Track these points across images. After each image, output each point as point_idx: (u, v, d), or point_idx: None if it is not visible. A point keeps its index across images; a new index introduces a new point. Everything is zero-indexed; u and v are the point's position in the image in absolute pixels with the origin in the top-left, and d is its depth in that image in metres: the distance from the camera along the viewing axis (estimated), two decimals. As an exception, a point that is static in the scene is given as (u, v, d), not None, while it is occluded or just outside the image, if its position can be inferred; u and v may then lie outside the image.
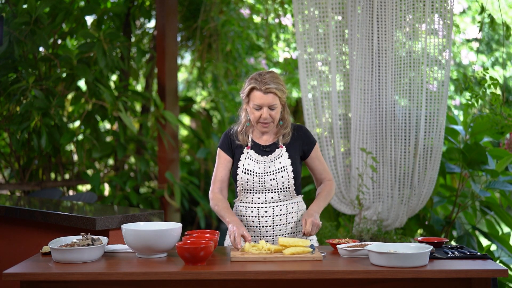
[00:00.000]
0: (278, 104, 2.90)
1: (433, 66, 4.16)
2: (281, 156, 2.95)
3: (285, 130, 2.99)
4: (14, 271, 2.37)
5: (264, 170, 2.94)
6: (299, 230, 2.99)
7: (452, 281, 2.42)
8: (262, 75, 2.90)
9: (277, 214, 2.94)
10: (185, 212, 7.07)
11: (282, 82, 2.93)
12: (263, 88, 2.84)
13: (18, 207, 3.60)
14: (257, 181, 2.93)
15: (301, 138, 3.02)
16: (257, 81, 2.87)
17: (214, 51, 6.68)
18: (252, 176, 2.94)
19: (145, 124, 6.27)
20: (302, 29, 4.43)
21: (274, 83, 2.86)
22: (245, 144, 3.00)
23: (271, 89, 2.85)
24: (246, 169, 2.95)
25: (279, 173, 2.92)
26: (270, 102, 2.87)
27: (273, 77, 2.89)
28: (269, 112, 2.88)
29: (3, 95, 5.26)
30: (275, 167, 2.93)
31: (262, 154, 2.98)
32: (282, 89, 2.89)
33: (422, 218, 4.73)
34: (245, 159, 2.97)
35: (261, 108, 2.88)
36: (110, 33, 5.39)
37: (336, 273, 2.38)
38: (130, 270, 2.40)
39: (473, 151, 4.35)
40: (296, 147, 2.99)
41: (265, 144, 3.00)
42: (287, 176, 2.92)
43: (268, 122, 2.91)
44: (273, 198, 2.94)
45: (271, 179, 2.93)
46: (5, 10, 5.23)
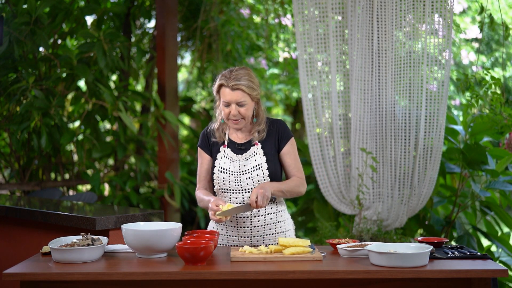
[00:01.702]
0: (248, 101, 2.86)
1: (433, 66, 4.16)
2: (256, 154, 2.92)
3: (259, 127, 2.95)
4: (14, 271, 2.37)
5: (239, 168, 2.91)
6: (278, 231, 2.97)
7: (452, 281, 2.42)
8: (232, 71, 2.86)
9: (255, 215, 2.92)
10: (185, 212, 7.07)
11: (254, 78, 2.89)
12: (231, 85, 2.82)
13: (18, 207, 3.60)
14: (233, 180, 2.91)
15: (277, 132, 2.97)
16: (226, 78, 2.84)
17: (214, 51, 6.68)
18: (228, 175, 2.92)
19: (145, 124, 6.27)
20: (302, 29, 4.43)
21: (243, 80, 2.83)
22: (221, 141, 2.99)
23: (239, 85, 2.82)
24: (222, 168, 2.93)
25: (254, 171, 2.90)
26: (237, 99, 2.83)
27: (243, 73, 2.85)
28: (238, 109, 2.85)
29: (3, 95, 5.26)
30: (250, 165, 2.91)
31: (237, 153, 2.95)
32: (252, 86, 2.85)
33: (422, 218, 4.73)
34: (221, 157, 2.95)
35: (230, 105, 2.85)
36: (110, 33, 5.39)
37: (336, 273, 2.38)
38: (130, 270, 2.40)
39: (473, 151, 4.35)
40: (272, 142, 2.95)
41: (241, 142, 2.98)
42: (263, 174, 2.89)
43: (237, 119, 2.87)
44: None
45: (247, 177, 2.90)
46: (5, 10, 5.23)
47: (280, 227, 2.98)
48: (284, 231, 2.99)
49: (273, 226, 2.96)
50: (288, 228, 3.03)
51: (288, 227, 3.03)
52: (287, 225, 3.02)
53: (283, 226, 2.99)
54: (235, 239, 2.96)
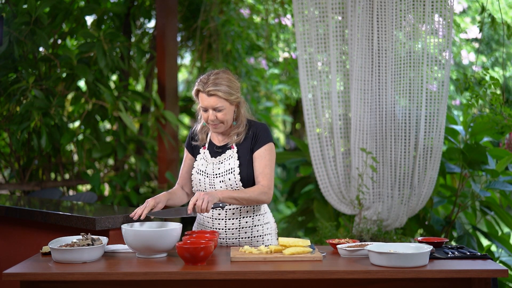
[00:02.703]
0: (226, 106, 2.83)
1: (433, 66, 4.16)
2: (231, 158, 2.90)
3: (237, 130, 2.92)
4: (14, 271, 2.37)
5: (212, 171, 2.91)
6: (254, 235, 2.95)
7: (452, 281, 2.42)
8: (210, 76, 2.83)
9: (229, 217, 2.92)
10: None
11: (233, 82, 2.84)
12: (207, 91, 2.80)
13: (18, 207, 3.60)
14: (208, 182, 2.91)
15: (254, 136, 2.91)
16: (203, 83, 2.82)
17: (214, 51, 6.68)
18: (204, 177, 2.92)
19: (145, 124, 6.27)
20: (302, 29, 4.43)
21: (220, 85, 2.79)
22: (202, 144, 2.99)
23: (215, 91, 2.79)
24: (199, 170, 2.94)
25: (227, 175, 2.88)
26: (214, 105, 2.81)
27: (219, 78, 2.81)
28: (216, 114, 2.83)
29: (3, 95, 5.26)
30: (224, 168, 2.89)
31: (213, 155, 2.94)
32: (228, 91, 2.81)
33: (422, 218, 4.73)
34: (200, 159, 2.97)
35: (207, 110, 2.84)
36: (110, 33, 5.39)
37: (336, 273, 2.38)
38: (130, 270, 2.40)
39: (473, 151, 4.35)
40: (248, 147, 2.91)
41: (219, 144, 2.96)
42: (234, 179, 2.86)
43: (216, 124, 2.86)
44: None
45: (220, 181, 2.89)
46: (5, 10, 5.23)
47: (257, 231, 2.95)
48: (261, 235, 2.96)
49: (249, 230, 2.94)
50: (268, 232, 2.99)
51: (268, 231, 2.99)
52: (265, 229, 2.98)
53: (261, 230, 2.96)
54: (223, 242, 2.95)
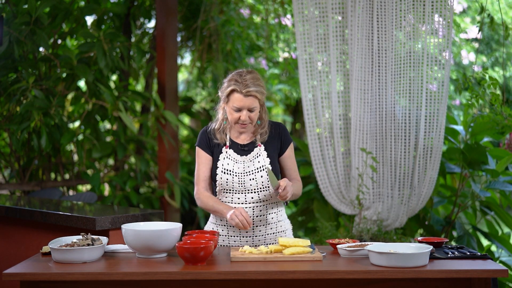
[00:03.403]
0: (258, 106, 2.86)
1: (433, 66, 4.16)
2: (259, 155, 2.92)
3: (262, 130, 2.95)
4: (14, 271, 2.37)
5: (243, 170, 2.90)
6: (278, 231, 2.97)
7: (452, 281, 2.42)
8: (243, 75, 2.83)
9: (257, 215, 2.92)
10: (185, 212, 7.07)
11: (262, 82, 2.88)
12: (244, 91, 2.80)
13: (18, 207, 3.60)
14: (237, 181, 2.90)
15: (279, 136, 2.98)
16: (238, 82, 2.82)
17: (214, 51, 6.68)
18: (232, 176, 2.90)
19: (145, 124, 6.27)
20: (302, 29, 4.43)
21: (254, 86, 2.81)
22: (223, 143, 2.96)
23: (252, 92, 2.80)
24: (225, 169, 2.91)
25: (258, 172, 2.89)
26: (250, 105, 2.83)
27: (253, 78, 2.83)
28: (248, 114, 2.84)
29: (3, 95, 5.26)
30: (254, 166, 2.90)
31: (241, 154, 2.93)
32: (262, 91, 2.84)
33: (422, 218, 4.73)
34: (224, 158, 2.93)
35: (241, 110, 2.84)
36: (110, 33, 5.39)
37: (336, 273, 2.38)
38: (130, 270, 2.40)
39: (473, 151, 4.35)
40: (274, 145, 2.96)
41: (243, 143, 2.96)
42: (266, 176, 2.89)
43: (246, 124, 2.87)
44: (253, 199, 2.90)
45: (250, 179, 2.89)
46: (5, 10, 5.23)
47: (281, 226, 2.99)
48: (284, 230, 3.00)
49: (274, 226, 2.96)
50: (287, 227, 3.04)
51: (287, 226, 3.04)
52: (286, 224, 3.03)
53: (283, 225, 3.01)
54: (237, 239, 2.95)
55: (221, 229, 2.99)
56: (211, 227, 3.04)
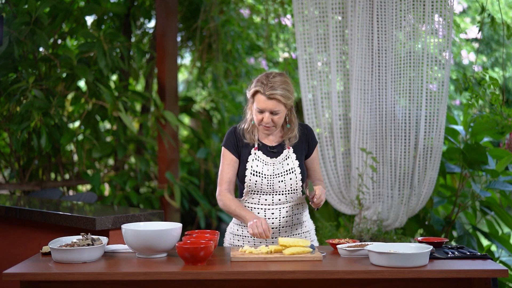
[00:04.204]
0: (282, 110, 2.82)
1: (433, 66, 4.16)
2: (288, 158, 2.91)
3: (291, 134, 2.93)
4: (14, 271, 2.37)
5: (273, 172, 2.89)
6: (304, 231, 2.99)
7: (452, 281, 2.42)
8: (270, 78, 2.80)
9: (283, 216, 2.92)
10: (185, 212, 7.07)
11: (290, 86, 2.83)
12: (267, 94, 2.77)
13: (18, 207, 3.60)
14: (266, 183, 2.89)
15: (306, 138, 2.98)
16: (263, 84, 2.79)
17: (214, 51, 6.68)
18: (261, 178, 2.88)
19: (145, 124, 6.27)
20: (302, 29, 4.43)
21: (280, 89, 2.78)
22: (252, 143, 2.93)
23: (275, 95, 2.77)
24: (254, 171, 2.89)
25: (288, 175, 2.89)
26: (272, 108, 2.79)
27: (280, 81, 2.80)
28: (271, 117, 2.82)
29: (3, 95, 5.25)
30: (283, 169, 2.89)
31: (270, 156, 2.92)
32: (287, 95, 2.80)
33: (422, 218, 4.73)
34: (253, 160, 2.91)
35: (263, 112, 2.82)
36: (110, 33, 5.39)
37: (336, 273, 2.38)
38: (130, 270, 2.40)
39: (473, 151, 4.35)
40: (302, 147, 2.96)
41: (271, 144, 2.95)
42: (295, 178, 2.89)
43: (269, 126, 2.85)
44: (280, 200, 2.91)
45: (279, 181, 2.89)
46: (5, 10, 5.23)
47: (305, 226, 3.00)
48: (308, 230, 3.02)
49: (299, 226, 2.98)
50: (311, 227, 3.05)
51: (311, 227, 3.05)
52: (310, 224, 3.05)
53: (307, 225, 3.02)
54: (262, 240, 2.93)
55: (246, 229, 2.97)
56: (235, 228, 3.02)
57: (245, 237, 2.98)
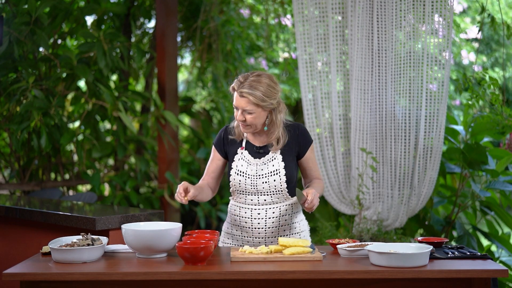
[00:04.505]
0: (256, 110, 2.79)
1: (433, 66, 4.16)
2: (274, 159, 2.89)
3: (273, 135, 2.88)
4: (14, 271, 2.37)
5: (256, 172, 2.88)
6: (292, 233, 2.97)
7: (452, 281, 2.42)
8: (249, 77, 2.80)
9: (269, 216, 2.91)
10: (185, 212, 7.07)
11: (271, 88, 2.79)
12: (239, 91, 2.79)
13: (18, 207, 3.60)
14: (249, 183, 2.89)
15: (297, 138, 2.93)
16: (239, 82, 2.81)
17: (214, 51, 6.68)
18: (245, 178, 2.89)
19: (145, 124, 6.27)
20: (302, 29, 4.43)
21: (254, 89, 2.75)
22: (240, 139, 2.95)
23: (244, 94, 2.77)
24: (238, 171, 2.90)
25: (272, 176, 2.87)
26: (243, 106, 2.79)
27: (257, 81, 2.78)
28: (245, 115, 2.81)
29: (3, 95, 5.26)
30: (268, 170, 2.88)
31: (255, 156, 2.91)
32: (261, 97, 2.76)
33: (422, 218, 4.73)
34: (238, 159, 2.92)
35: (238, 109, 2.83)
36: (110, 33, 5.39)
37: (336, 273, 2.38)
38: (130, 270, 2.40)
39: (473, 151, 4.35)
40: (292, 148, 2.92)
41: (259, 145, 2.94)
42: (280, 180, 2.87)
43: (244, 124, 2.85)
44: (265, 201, 2.90)
45: (263, 182, 2.88)
46: (5, 10, 5.23)
47: (295, 228, 2.98)
48: (299, 232, 2.99)
49: (288, 228, 2.95)
50: (303, 229, 3.02)
51: (303, 228, 3.02)
52: (301, 226, 3.01)
53: (298, 227, 2.99)
54: (250, 240, 2.95)
55: (235, 229, 2.98)
56: (227, 227, 3.05)
57: (234, 235, 2.99)
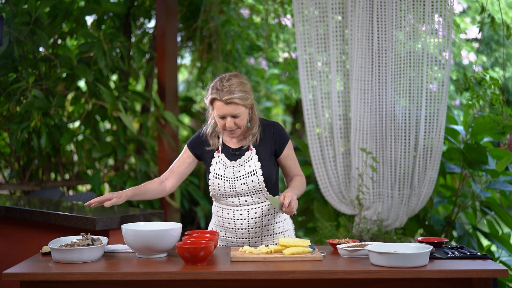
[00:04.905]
0: (243, 111, 2.79)
1: (433, 66, 4.16)
2: (250, 159, 2.88)
3: (251, 131, 2.89)
4: (14, 271, 2.37)
5: (233, 175, 2.87)
6: (276, 232, 2.96)
7: (452, 281, 2.42)
8: (224, 82, 2.76)
9: (252, 217, 2.91)
10: (185, 212, 7.07)
11: (247, 86, 2.79)
12: (224, 99, 2.74)
13: (18, 207, 3.60)
14: (228, 186, 2.88)
15: (273, 136, 2.92)
16: (218, 90, 2.75)
17: (214, 51, 6.68)
18: (223, 181, 2.88)
19: (145, 124, 6.27)
20: (302, 29, 4.43)
21: (237, 92, 2.74)
22: (216, 148, 2.93)
23: (233, 99, 2.74)
24: (217, 174, 2.89)
25: (249, 177, 2.86)
26: (232, 112, 2.77)
27: (236, 83, 2.76)
28: (234, 121, 2.79)
29: (3, 95, 5.26)
30: (245, 171, 2.87)
31: (231, 159, 2.90)
32: (245, 96, 2.76)
33: (422, 218, 4.73)
34: (216, 163, 2.91)
35: (225, 117, 2.79)
36: (110, 33, 5.39)
37: (336, 273, 2.38)
38: (130, 270, 2.40)
39: (473, 151, 4.35)
40: (267, 147, 2.91)
41: (235, 147, 2.93)
42: (257, 180, 2.86)
43: (233, 130, 2.83)
44: (246, 201, 2.90)
45: (241, 183, 2.87)
46: (5, 10, 5.23)
47: (279, 227, 2.97)
48: (283, 231, 2.99)
49: (271, 227, 2.95)
50: (287, 228, 3.02)
51: (287, 227, 3.02)
52: (285, 225, 3.01)
53: (282, 226, 2.99)
54: (233, 241, 2.96)
55: (219, 229, 2.99)
56: (211, 227, 3.06)
57: (222, 236, 2.99)
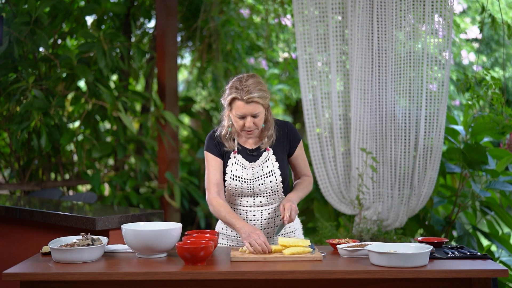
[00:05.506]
0: (262, 111, 2.80)
1: (433, 66, 4.16)
2: (268, 160, 2.88)
3: (268, 132, 2.89)
4: (14, 271, 2.37)
5: (252, 176, 2.87)
6: (287, 231, 2.97)
7: (452, 281, 2.42)
8: (243, 82, 2.77)
9: (265, 218, 2.91)
10: (185, 212, 7.07)
11: (264, 86, 2.81)
12: (245, 98, 2.73)
13: (18, 207, 3.60)
14: (246, 187, 2.87)
15: (287, 136, 2.94)
16: (238, 90, 2.75)
17: (214, 51, 6.68)
18: (241, 182, 2.87)
19: (145, 124, 6.27)
20: (302, 29, 4.43)
21: (256, 91, 2.74)
22: (232, 149, 2.91)
23: (253, 98, 2.73)
24: (234, 175, 2.88)
25: (268, 177, 2.87)
26: (252, 111, 2.77)
27: (255, 83, 2.77)
28: (253, 120, 2.79)
29: (3, 95, 5.26)
30: (263, 171, 2.87)
31: (249, 160, 2.90)
32: (264, 95, 2.77)
33: (422, 218, 4.73)
34: (232, 164, 2.89)
35: (245, 117, 2.79)
36: (110, 33, 5.39)
37: (336, 273, 2.38)
38: (130, 270, 2.40)
39: (473, 151, 4.35)
40: (283, 146, 2.93)
41: (251, 147, 2.92)
42: (276, 180, 2.87)
43: (252, 130, 2.82)
44: (261, 202, 2.90)
45: (259, 184, 2.87)
46: (5, 10, 5.23)
47: (289, 226, 2.98)
48: (293, 231, 3.00)
49: None
50: (296, 227, 3.03)
51: (296, 227, 3.03)
52: (295, 224, 3.02)
53: (292, 225, 3.00)
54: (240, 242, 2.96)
55: (230, 229, 2.97)
56: (220, 227, 3.03)
57: (229, 236, 2.99)
